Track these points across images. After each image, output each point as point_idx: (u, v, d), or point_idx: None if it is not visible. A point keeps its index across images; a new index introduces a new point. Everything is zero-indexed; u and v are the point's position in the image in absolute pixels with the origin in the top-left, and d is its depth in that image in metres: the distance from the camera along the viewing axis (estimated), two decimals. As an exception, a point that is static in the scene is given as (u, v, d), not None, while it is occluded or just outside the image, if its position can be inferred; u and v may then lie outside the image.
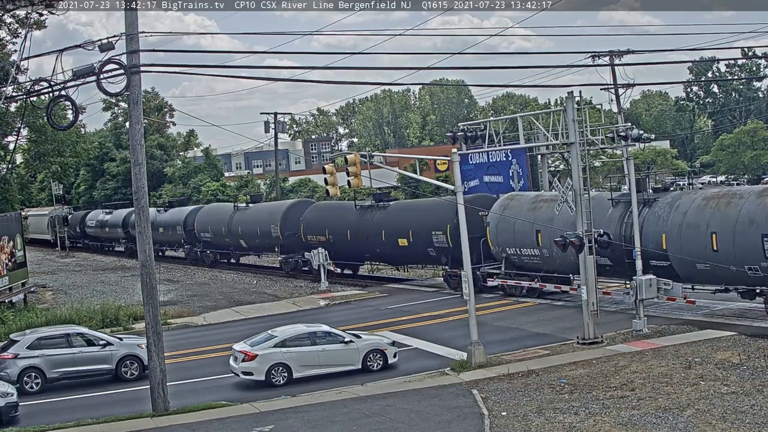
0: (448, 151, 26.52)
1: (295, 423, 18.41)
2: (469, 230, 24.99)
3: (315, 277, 42.68)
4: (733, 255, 25.36)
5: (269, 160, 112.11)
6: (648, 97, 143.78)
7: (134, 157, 20.26)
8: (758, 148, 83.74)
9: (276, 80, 58.00)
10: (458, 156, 24.40)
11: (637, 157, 56.44)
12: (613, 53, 47.14)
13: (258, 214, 49.51)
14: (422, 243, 37.34)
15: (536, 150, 34.15)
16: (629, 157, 27.92)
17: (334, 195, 26.19)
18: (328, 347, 23.16)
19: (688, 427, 16.07)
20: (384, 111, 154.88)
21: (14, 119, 44.24)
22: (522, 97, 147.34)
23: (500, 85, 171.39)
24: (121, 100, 73.04)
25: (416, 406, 19.01)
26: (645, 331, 25.22)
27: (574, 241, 24.15)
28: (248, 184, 79.23)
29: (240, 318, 35.08)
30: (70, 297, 43.15)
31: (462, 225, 24.15)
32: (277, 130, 64.03)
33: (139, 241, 20.52)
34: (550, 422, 17.05)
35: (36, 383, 23.45)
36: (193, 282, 48.91)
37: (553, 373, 21.24)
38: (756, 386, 18.37)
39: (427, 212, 38.04)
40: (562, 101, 26.86)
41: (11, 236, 39.20)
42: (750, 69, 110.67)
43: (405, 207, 41.59)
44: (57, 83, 19.59)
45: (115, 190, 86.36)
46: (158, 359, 20.21)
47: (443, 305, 33.93)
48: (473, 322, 23.22)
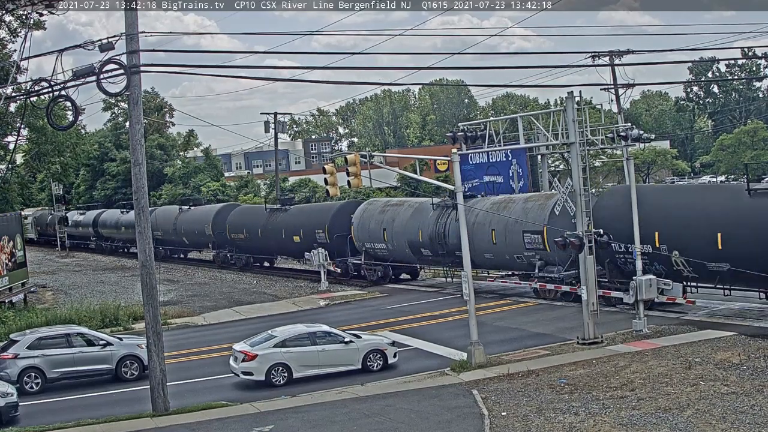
0: (448, 151, 26.52)
1: (295, 423, 18.40)
2: (341, 230, 37.82)
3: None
4: (506, 247, 33.37)
5: (269, 160, 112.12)
6: (648, 97, 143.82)
7: (134, 157, 20.26)
8: (758, 148, 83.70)
9: (276, 80, 58.09)
10: (458, 156, 24.39)
11: (637, 157, 56.52)
12: (613, 53, 47.08)
13: (196, 215, 58.03)
14: (310, 239, 44.22)
15: (536, 150, 34.19)
16: (629, 157, 27.94)
17: (334, 195, 26.23)
18: (328, 347, 23.15)
19: (688, 427, 16.07)
20: (384, 111, 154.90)
21: (14, 119, 44.23)
22: (522, 97, 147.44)
23: (500, 85, 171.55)
24: (121, 100, 72.91)
25: (416, 406, 19.01)
26: (645, 331, 25.21)
27: (574, 241, 24.15)
28: (248, 184, 79.23)
29: (240, 318, 35.08)
30: (70, 297, 43.13)
31: (462, 226, 24.17)
32: (277, 130, 63.99)
33: (139, 241, 20.52)
34: (550, 422, 17.04)
35: (36, 383, 23.44)
36: (193, 282, 48.92)
37: (553, 373, 21.23)
38: (756, 386, 18.36)
39: (312, 214, 45.98)
40: (562, 101, 26.86)
41: (11, 236, 39.20)
42: (750, 69, 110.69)
43: (300, 210, 48.71)
44: (57, 83, 19.59)
45: (115, 190, 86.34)
46: (158, 359, 20.21)
47: (443, 305, 33.94)
48: (473, 322, 23.22)
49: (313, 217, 45.34)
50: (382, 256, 40.75)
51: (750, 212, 25.07)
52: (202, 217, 56.48)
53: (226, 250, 54.33)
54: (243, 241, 51.87)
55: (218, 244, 55.23)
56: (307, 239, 44.48)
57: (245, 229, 51.53)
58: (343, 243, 41.95)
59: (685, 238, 26.70)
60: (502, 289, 36.45)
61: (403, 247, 38.72)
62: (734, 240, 25.16)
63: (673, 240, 27.07)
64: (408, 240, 38.69)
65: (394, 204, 41.04)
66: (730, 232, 25.22)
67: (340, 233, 42.32)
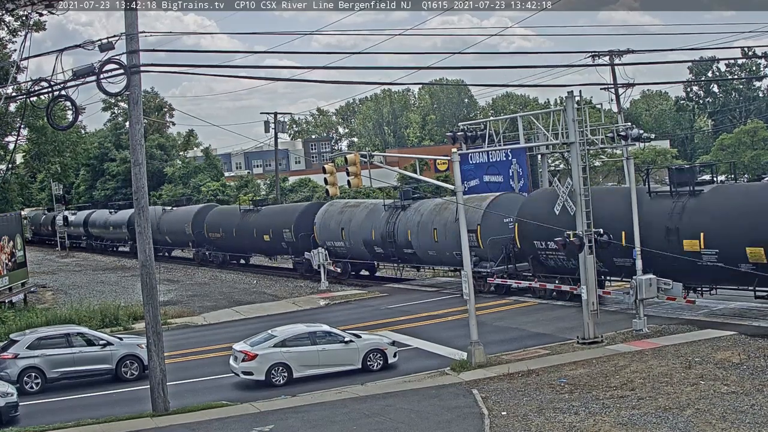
0: (448, 151, 26.53)
1: (295, 423, 18.40)
2: (305, 229, 43.25)
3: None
4: (446, 244, 36.00)
5: (269, 160, 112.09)
6: (648, 97, 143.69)
7: (134, 157, 20.26)
8: (758, 148, 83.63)
9: (276, 80, 57.92)
10: (458, 156, 24.37)
11: (637, 156, 56.46)
12: (613, 53, 47.07)
13: (178, 216, 60.76)
14: (278, 238, 47.42)
15: (536, 150, 34.17)
16: (629, 157, 27.94)
17: (334, 195, 26.20)
18: (328, 347, 23.15)
19: (688, 426, 16.07)
20: (384, 111, 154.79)
21: (14, 119, 44.21)
22: (522, 97, 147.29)
23: (500, 85, 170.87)
24: (121, 100, 73.03)
25: (416, 406, 19.01)
26: (645, 330, 25.22)
27: (574, 241, 24.15)
28: (248, 184, 79.19)
29: (240, 318, 35.08)
30: (70, 297, 43.14)
31: (462, 226, 24.18)
32: (277, 130, 64.01)
33: (139, 241, 20.53)
34: (550, 422, 17.04)
35: (36, 383, 23.45)
36: (193, 282, 48.94)
37: (553, 372, 21.23)
38: (756, 386, 18.37)
39: (280, 215, 48.78)
40: (562, 101, 26.85)
41: (11, 236, 39.21)
42: (750, 69, 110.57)
43: (270, 210, 51.01)
44: (57, 83, 19.59)
45: (115, 190, 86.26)
46: (158, 359, 20.22)
47: (443, 305, 33.95)
48: (473, 321, 23.22)
49: (281, 217, 48.20)
50: (342, 254, 43.70)
51: (647, 212, 27.63)
52: (183, 217, 59.41)
53: (205, 248, 57.25)
54: (219, 240, 54.71)
55: (197, 243, 58.11)
56: (275, 238, 47.56)
57: (221, 228, 54.12)
58: (307, 241, 44.64)
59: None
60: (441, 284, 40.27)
61: (359, 245, 42.04)
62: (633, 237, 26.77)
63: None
64: (363, 238, 41.70)
65: (352, 205, 44.12)
66: (630, 230, 26.73)
67: (304, 232, 45.16)
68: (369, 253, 42.06)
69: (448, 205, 35.85)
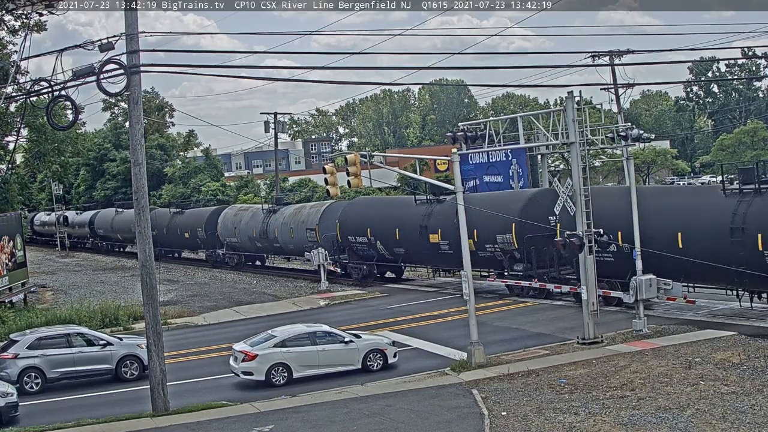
0: (448, 151, 26.52)
1: (295, 423, 18.40)
2: (212, 228, 54.91)
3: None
4: (299, 239, 45.58)
5: (269, 160, 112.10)
6: (648, 97, 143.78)
7: (134, 157, 20.26)
8: (758, 148, 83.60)
9: (276, 80, 58.06)
10: (458, 156, 24.38)
11: (637, 157, 56.50)
12: (613, 53, 47.02)
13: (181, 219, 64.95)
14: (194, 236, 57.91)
15: (536, 150, 34.11)
16: (629, 157, 27.92)
17: (335, 195, 26.21)
18: (328, 347, 23.15)
19: (688, 427, 16.07)
20: (384, 111, 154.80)
21: (14, 119, 44.19)
22: (522, 97, 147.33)
23: (500, 85, 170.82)
24: (121, 100, 72.85)
25: (416, 406, 19.01)
26: (645, 331, 25.22)
27: (574, 241, 24.14)
28: (248, 184, 79.14)
29: (240, 318, 35.08)
30: (70, 297, 43.13)
31: (462, 226, 24.15)
32: (277, 130, 63.89)
33: (139, 241, 20.53)
34: (550, 422, 17.04)
35: (36, 383, 23.45)
36: (193, 282, 48.94)
37: (553, 373, 21.23)
38: (756, 386, 18.36)
39: (195, 216, 58.23)
40: (562, 101, 26.84)
41: (11, 236, 39.21)
42: (750, 69, 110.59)
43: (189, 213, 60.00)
44: (57, 83, 19.58)
45: (115, 190, 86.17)
46: (158, 359, 20.21)
47: (443, 305, 33.96)
48: (473, 322, 23.22)
49: (194, 218, 58.18)
50: (237, 248, 53.96)
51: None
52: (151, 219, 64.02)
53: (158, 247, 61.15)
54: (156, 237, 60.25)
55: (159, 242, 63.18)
56: (192, 235, 57.94)
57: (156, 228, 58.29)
58: (213, 238, 55.49)
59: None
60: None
61: (246, 240, 52.12)
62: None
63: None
64: (249, 236, 51.48)
65: (244, 209, 54.85)
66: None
67: (211, 231, 55.47)
68: (252, 246, 51.88)
69: (301, 209, 47.72)
